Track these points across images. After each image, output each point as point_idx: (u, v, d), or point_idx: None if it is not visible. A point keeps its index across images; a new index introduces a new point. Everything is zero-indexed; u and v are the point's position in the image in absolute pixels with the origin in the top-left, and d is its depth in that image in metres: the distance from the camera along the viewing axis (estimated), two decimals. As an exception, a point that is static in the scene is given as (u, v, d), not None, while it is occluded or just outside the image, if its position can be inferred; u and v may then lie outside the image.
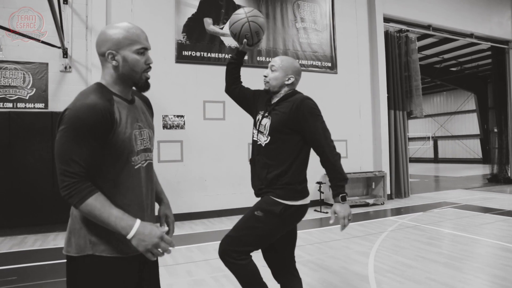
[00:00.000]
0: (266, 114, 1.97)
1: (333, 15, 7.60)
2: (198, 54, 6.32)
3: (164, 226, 1.47)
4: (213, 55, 6.43)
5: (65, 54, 5.47)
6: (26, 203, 5.07)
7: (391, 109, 8.13)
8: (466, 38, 10.04)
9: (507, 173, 10.71)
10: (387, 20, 8.33)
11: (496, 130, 11.13)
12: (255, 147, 2.00)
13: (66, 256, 1.24)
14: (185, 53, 6.24)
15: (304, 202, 1.93)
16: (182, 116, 6.17)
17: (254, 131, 2.03)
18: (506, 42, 10.74)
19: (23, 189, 5.12)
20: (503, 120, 10.93)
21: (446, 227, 5.07)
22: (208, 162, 6.30)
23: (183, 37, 6.23)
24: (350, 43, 7.80)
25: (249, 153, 6.45)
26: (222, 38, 6.48)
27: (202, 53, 6.35)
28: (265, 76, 2.00)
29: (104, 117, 1.16)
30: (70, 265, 1.23)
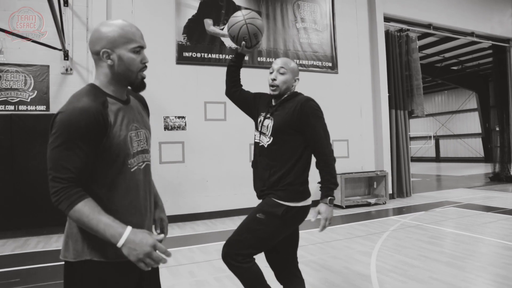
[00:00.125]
0: (268, 116, 1.97)
1: (333, 15, 7.60)
2: (199, 55, 6.33)
3: (159, 234, 1.40)
4: (214, 56, 6.43)
5: (66, 56, 5.49)
6: (29, 205, 5.09)
7: (392, 109, 8.12)
8: (467, 37, 10.02)
9: (509, 172, 10.68)
10: (388, 20, 8.32)
11: (498, 129, 11.10)
12: (257, 149, 2.01)
13: (64, 262, 1.20)
14: (186, 54, 6.25)
15: (306, 203, 1.94)
16: (183, 117, 6.18)
17: (256, 133, 2.04)
18: (507, 41, 10.72)
19: (25, 191, 5.14)
20: (505, 119, 10.90)
21: (448, 226, 5.06)
22: (210, 163, 6.31)
23: (184, 38, 6.24)
24: (351, 43, 7.80)
25: (251, 154, 6.45)
26: (223, 39, 6.48)
27: (203, 54, 6.36)
28: (274, 80, 1.95)
29: (97, 121, 1.12)
30: (68, 271, 1.19)
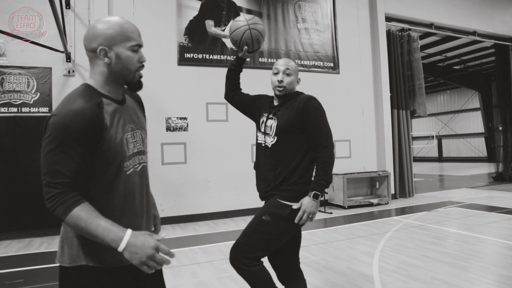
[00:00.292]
0: (271, 116, 1.97)
1: (335, 15, 7.60)
2: (200, 56, 6.35)
3: (159, 234, 1.37)
4: (215, 57, 6.45)
5: (68, 59, 5.51)
6: (32, 206, 5.10)
7: (394, 109, 8.10)
8: (469, 36, 9.99)
9: (513, 171, 10.64)
10: (389, 19, 8.31)
11: (501, 128, 11.06)
12: (260, 150, 2.01)
13: (59, 267, 1.16)
14: (187, 56, 6.26)
15: None
16: (185, 118, 6.19)
17: (259, 134, 2.03)
18: (510, 39, 10.69)
19: (29, 193, 5.16)
20: (508, 118, 10.86)
21: (451, 227, 5.04)
22: (212, 164, 6.32)
23: (185, 40, 6.25)
24: (352, 43, 7.79)
25: (253, 154, 6.46)
26: (224, 40, 6.50)
27: (204, 55, 6.37)
28: (281, 81, 1.95)
29: (93, 123, 1.08)
30: (63, 276, 1.16)
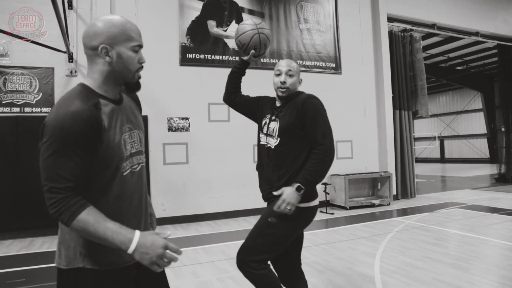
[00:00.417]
0: (274, 117, 1.97)
1: (337, 16, 7.59)
2: (202, 57, 6.36)
3: (165, 231, 1.42)
4: (217, 57, 6.45)
5: (71, 59, 5.52)
6: (34, 206, 5.12)
7: (396, 109, 8.08)
8: (472, 37, 9.96)
9: (515, 173, 10.60)
10: (391, 20, 8.30)
11: (504, 129, 11.01)
12: (263, 151, 2.00)
13: (57, 268, 1.16)
14: (189, 56, 6.27)
15: (315, 204, 1.94)
16: (187, 119, 6.20)
17: (261, 135, 2.03)
18: (512, 40, 10.66)
19: (31, 193, 5.17)
20: (511, 119, 10.82)
21: (453, 228, 5.03)
22: (214, 164, 6.32)
23: (187, 40, 6.26)
24: (354, 44, 7.78)
25: (254, 155, 6.46)
26: (226, 40, 6.50)
27: (206, 56, 6.38)
28: (284, 83, 1.95)
29: (91, 125, 1.06)
30: (60, 278, 1.15)
